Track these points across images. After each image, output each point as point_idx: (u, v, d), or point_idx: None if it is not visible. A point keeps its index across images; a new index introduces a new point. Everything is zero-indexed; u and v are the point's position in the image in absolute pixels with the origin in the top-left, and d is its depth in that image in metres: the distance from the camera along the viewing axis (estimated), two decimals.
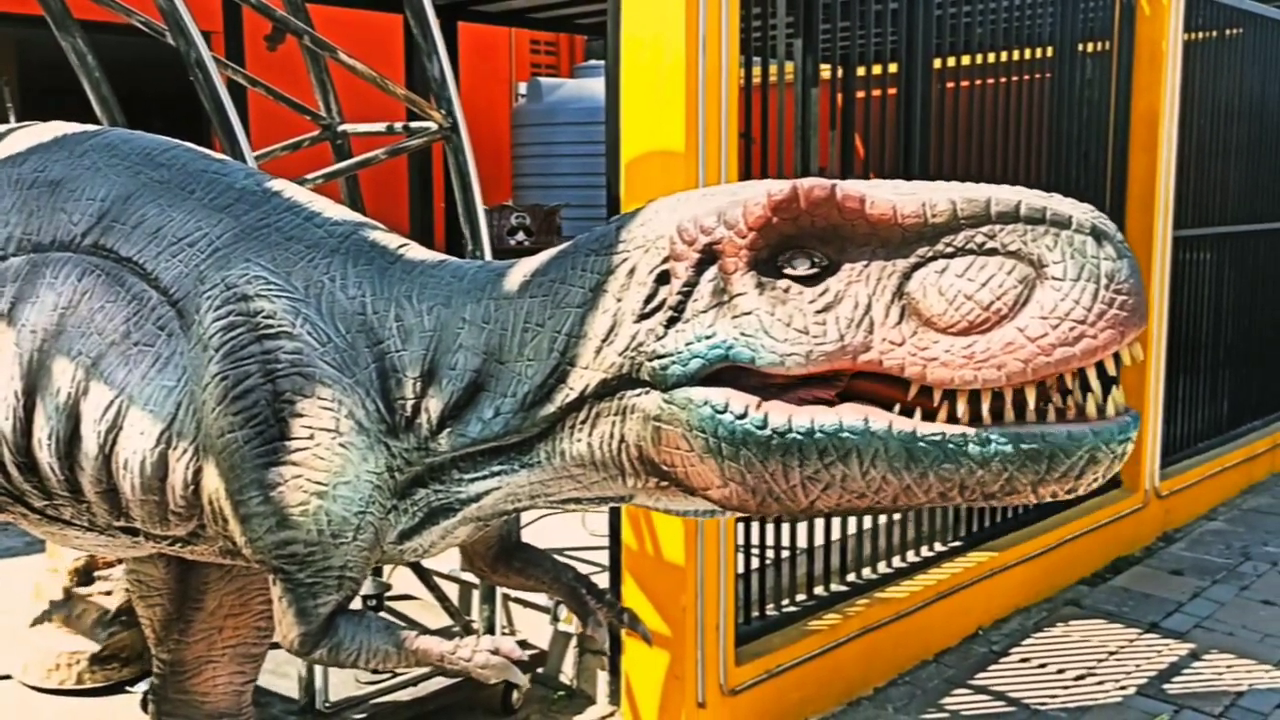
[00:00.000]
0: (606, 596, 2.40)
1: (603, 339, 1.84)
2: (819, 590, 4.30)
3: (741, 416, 1.68)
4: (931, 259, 1.63)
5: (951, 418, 1.62)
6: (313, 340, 2.02)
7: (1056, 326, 1.56)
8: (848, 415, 1.65)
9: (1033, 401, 1.61)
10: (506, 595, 4.20)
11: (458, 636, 2.43)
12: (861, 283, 1.66)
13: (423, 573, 4.07)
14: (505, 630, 4.25)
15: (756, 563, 4.07)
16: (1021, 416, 1.61)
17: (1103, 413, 1.63)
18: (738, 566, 3.92)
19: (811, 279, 1.68)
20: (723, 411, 1.69)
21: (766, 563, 4.11)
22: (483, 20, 7.41)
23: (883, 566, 4.59)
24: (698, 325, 1.73)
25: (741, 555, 3.99)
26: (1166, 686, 4.36)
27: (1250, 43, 6.70)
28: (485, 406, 1.95)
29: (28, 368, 2.15)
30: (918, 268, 1.64)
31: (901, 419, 1.64)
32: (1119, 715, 4.14)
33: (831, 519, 4.34)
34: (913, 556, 4.72)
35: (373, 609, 3.87)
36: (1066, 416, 1.62)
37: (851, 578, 4.45)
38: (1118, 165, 5.75)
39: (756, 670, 3.94)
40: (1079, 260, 1.58)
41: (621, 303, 1.83)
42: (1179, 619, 5.01)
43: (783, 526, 4.17)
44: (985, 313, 1.59)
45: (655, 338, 1.77)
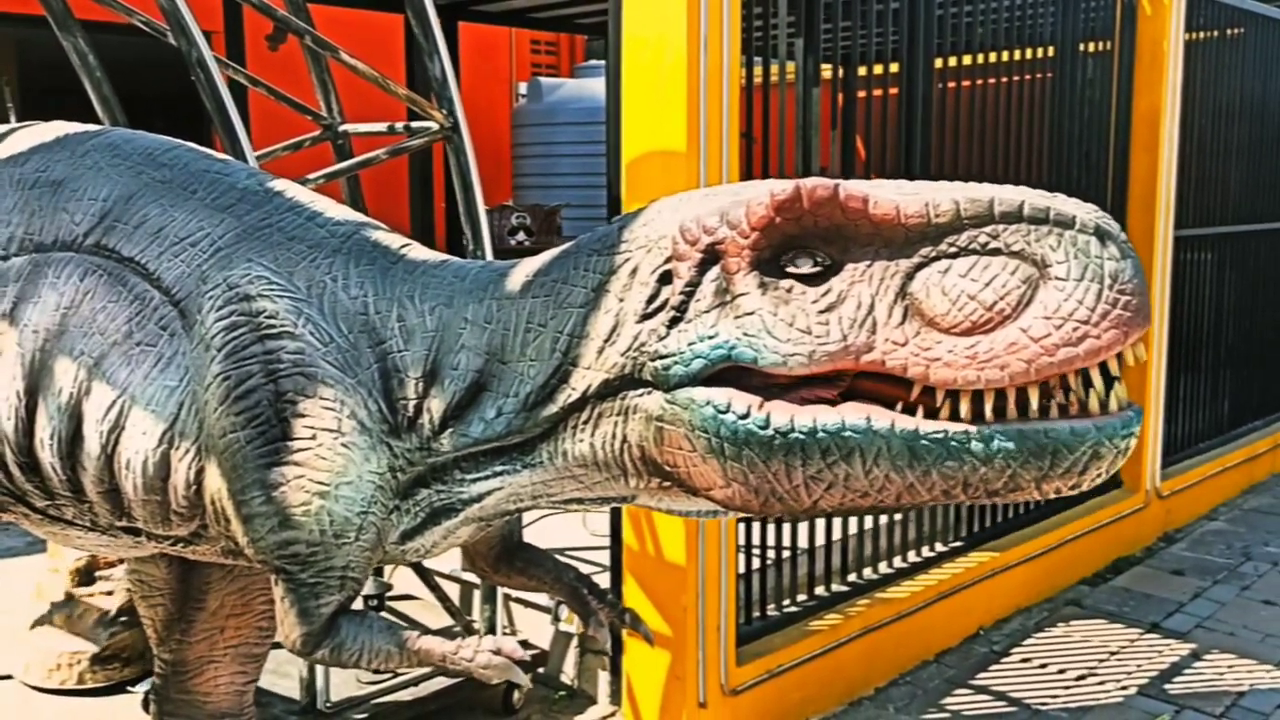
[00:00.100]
0: (608, 596, 2.40)
1: (605, 339, 1.83)
2: (820, 590, 4.30)
3: (744, 416, 1.68)
4: (935, 259, 1.63)
5: (954, 416, 1.62)
6: (315, 340, 2.02)
7: (1060, 327, 1.56)
8: (850, 414, 1.65)
9: (1035, 401, 1.60)
10: (508, 595, 4.20)
11: (459, 637, 2.43)
12: (865, 283, 1.65)
13: (424, 573, 4.07)
14: (506, 630, 4.25)
15: (757, 563, 4.07)
16: (1024, 414, 1.61)
17: (1105, 408, 1.62)
18: (739, 566, 3.92)
19: (814, 279, 1.68)
20: (725, 411, 1.69)
21: (767, 563, 4.11)
22: (483, 20, 7.41)
23: (884, 566, 4.59)
24: (700, 325, 1.73)
25: (742, 555, 3.99)
26: (1167, 687, 4.36)
27: (1251, 42, 6.70)
28: (487, 406, 1.95)
29: (30, 368, 2.15)
30: (921, 268, 1.63)
31: (904, 417, 1.63)
32: (1120, 715, 4.14)
33: (833, 519, 4.33)
34: (914, 556, 4.72)
35: (374, 609, 3.87)
36: (1069, 412, 1.62)
37: (852, 578, 4.45)
38: (1119, 165, 5.74)
39: (757, 670, 3.93)
40: (1083, 260, 1.57)
41: (624, 303, 1.82)
42: (1180, 619, 5.01)
43: (784, 526, 4.17)
44: (988, 313, 1.58)
45: (658, 338, 1.77)
